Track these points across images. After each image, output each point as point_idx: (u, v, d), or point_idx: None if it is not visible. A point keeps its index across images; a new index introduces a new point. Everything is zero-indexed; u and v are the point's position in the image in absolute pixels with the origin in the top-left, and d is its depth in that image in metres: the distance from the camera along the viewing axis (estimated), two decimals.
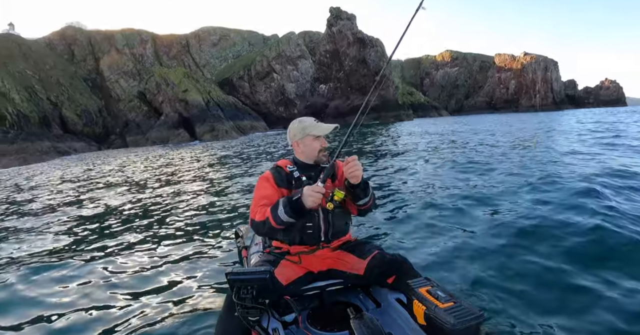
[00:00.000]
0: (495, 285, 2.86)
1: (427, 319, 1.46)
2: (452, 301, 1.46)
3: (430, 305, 1.46)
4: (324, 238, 2.09)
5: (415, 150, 13.60)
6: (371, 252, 2.01)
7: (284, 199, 1.92)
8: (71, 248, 5.00)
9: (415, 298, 1.53)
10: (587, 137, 12.64)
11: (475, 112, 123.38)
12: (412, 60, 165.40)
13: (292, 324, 1.88)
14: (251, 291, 1.58)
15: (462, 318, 1.35)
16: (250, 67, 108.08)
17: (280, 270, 1.92)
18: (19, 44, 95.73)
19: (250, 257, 2.52)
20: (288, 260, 2.04)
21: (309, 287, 2.01)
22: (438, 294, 1.50)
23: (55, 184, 12.15)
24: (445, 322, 1.36)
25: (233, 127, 63.98)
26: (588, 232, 3.58)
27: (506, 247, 3.64)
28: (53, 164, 25.70)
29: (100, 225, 6.29)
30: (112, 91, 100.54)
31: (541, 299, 2.61)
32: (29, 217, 6.99)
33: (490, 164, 8.24)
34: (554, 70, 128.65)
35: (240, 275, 1.60)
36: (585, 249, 3.34)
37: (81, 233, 5.75)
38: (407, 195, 6.31)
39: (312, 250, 2.07)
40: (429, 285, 1.59)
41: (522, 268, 3.13)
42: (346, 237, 2.22)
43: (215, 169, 13.46)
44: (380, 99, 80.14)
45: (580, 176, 5.99)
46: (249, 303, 1.56)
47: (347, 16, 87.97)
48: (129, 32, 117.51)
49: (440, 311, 1.40)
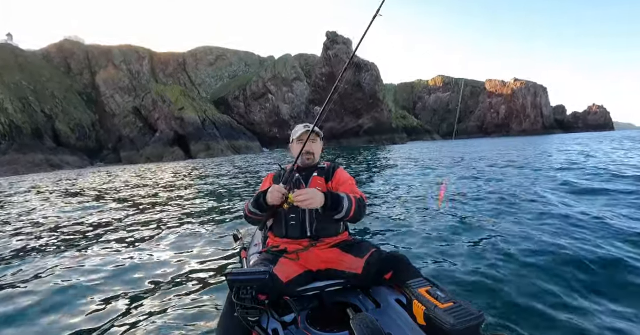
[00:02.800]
0: (495, 287, 2.95)
1: (426, 319, 1.45)
2: (452, 301, 1.45)
3: (430, 305, 1.45)
4: (310, 233, 2.14)
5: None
6: (369, 250, 2.04)
7: (259, 192, 2.15)
8: (74, 247, 5.10)
9: (415, 298, 1.54)
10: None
11: (467, 137, 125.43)
12: (405, 85, 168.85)
13: (291, 325, 1.88)
14: (251, 292, 1.60)
15: (462, 318, 1.35)
16: (246, 88, 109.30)
17: (280, 268, 1.94)
18: (16, 55, 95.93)
19: (250, 258, 2.52)
20: (287, 258, 2.08)
21: (309, 287, 2.02)
22: (438, 295, 1.51)
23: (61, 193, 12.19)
24: (445, 323, 1.36)
25: (228, 147, 64.28)
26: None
27: (504, 249, 3.80)
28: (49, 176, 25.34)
29: (104, 229, 6.45)
30: (107, 106, 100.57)
31: (541, 301, 2.69)
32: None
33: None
34: (543, 95, 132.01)
35: (240, 276, 1.62)
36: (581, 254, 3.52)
37: (84, 236, 5.83)
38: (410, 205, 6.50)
39: (306, 247, 2.13)
40: (429, 286, 1.61)
41: (522, 270, 3.25)
42: (342, 237, 2.26)
43: (213, 181, 13.60)
44: (374, 121, 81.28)
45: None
46: (249, 303, 1.58)
47: (343, 40, 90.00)
48: (126, 48, 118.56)
49: (440, 311, 1.40)
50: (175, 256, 4.30)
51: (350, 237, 2.33)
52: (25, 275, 4.09)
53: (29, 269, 4.29)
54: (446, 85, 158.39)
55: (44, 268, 4.26)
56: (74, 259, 4.94)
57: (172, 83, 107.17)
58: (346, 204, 1.99)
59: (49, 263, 4.48)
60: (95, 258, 4.48)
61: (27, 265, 4.48)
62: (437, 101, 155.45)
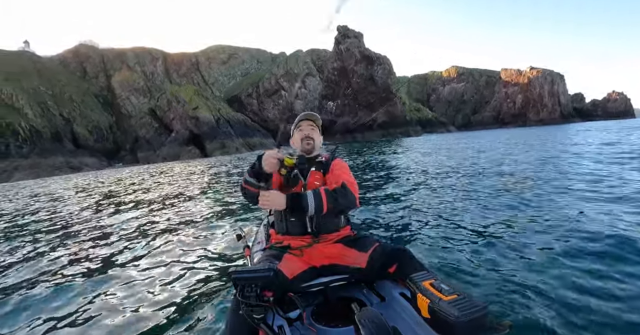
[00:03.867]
0: (499, 278, 2.94)
1: (431, 312, 1.46)
2: (456, 294, 1.45)
3: (434, 298, 1.46)
4: (310, 229, 2.14)
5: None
6: (372, 245, 2.04)
7: (255, 161, 2.10)
8: (75, 247, 5.20)
9: (419, 291, 1.53)
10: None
11: (483, 128, 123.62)
12: (418, 77, 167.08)
13: (296, 321, 1.88)
14: (255, 289, 1.60)
15: (466, 310, 1.36)
16: (258, 85, 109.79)
17: (285, 264, 1.94)
18: (34, 61, 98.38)
19: (254, 256, 2.52)
20: (291, 253, 2.09)
21: (313, 283, 2.01)
22: (442, 287, 1.50)
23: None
24: (449, 315, 1.36)
25: (243, 144, 64.72)
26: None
27: (510, 242, 3.74)
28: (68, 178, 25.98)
29: (112, 229, 6.52)
30: (123, 108, 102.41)
31: (544, 293, 2.66)
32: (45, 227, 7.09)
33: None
34: (560, 83, 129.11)
35: (243, 274, 1.62)
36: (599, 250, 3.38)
37: (87, 234, 5.91)
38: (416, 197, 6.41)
39: (309, 244, 2.13)
40: (433, 279, 1.60)
41: (527, 262, 3.21)
42: (344, 232, 2.25)
43: (217, 180, 13.59)
44: (388, 115, 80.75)
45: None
46: (253, 301, 1.58)
47: (354, 34, 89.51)
48: (140, 50, 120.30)
49: (444, 304, 1.41)
50: (179, 256, 4.32)
51: (353, 232, 2.31)
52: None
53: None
54: (460, 76, 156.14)
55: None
56: (70, 250, 5.07)
57: (186, 83, 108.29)
58: (311, 201, 1.97)
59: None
60: (100, 260, 4.53)
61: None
62: (451, 92, 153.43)
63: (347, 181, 2.06)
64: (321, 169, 2.23)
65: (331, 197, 1.98)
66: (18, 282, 3.98)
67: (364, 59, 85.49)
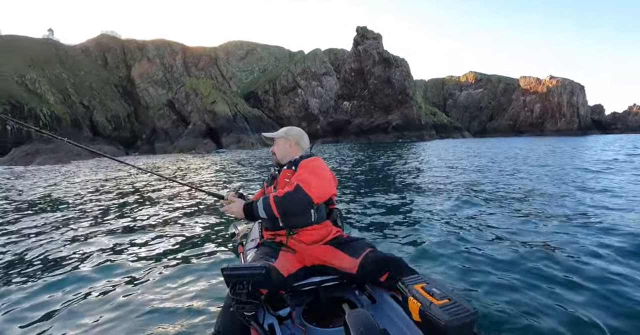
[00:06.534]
0: (491, 284, 3.00)
1: (421, 315, 1.46)
2: (447, 298, 1.47)
3: (425, 301, 1.47)
4: (282, 223, 2.22)
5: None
6: (363, 250, 2.04)
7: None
8: (65, 241, 5.20)
9: (410, 295, 1.55)
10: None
11: (499, 135, 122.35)
12: (435, 81, 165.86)
13: (287, 319, 1.90)
14: (247, 286, 1.62)
15: (456, 315, 1.36)
16: (275, 82, 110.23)
17: (280, 262, 2.00)
18: (57, 49, 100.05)
19: (247, 253, 2.54)
20: (285, 251, 2.15)
21: (305, 282, 2.05)
22: (433, 291, 1.52)
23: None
24: (440, 319, 1.36)
25: (258, 140, 65.12)
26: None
27: (505, 248, 3.85)
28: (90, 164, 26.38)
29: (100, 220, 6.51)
30: (141, 98, 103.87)
31: (532, 298, 2.76)
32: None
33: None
34: (580, 94, 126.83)
35: (236, 271, 1.65)
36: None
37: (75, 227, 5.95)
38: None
39: (287, 234, 2.23)
40: (424, 282, 1.62)
41: (518, 269, 3.33)
42: (332, 232, 2.30)
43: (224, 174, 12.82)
44: (403, 118, 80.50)
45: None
46: (244, 298, 1.61)
47: (373, 36, 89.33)
48: (160, 42, 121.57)
49: (435, 308, 1.41)
50: (172, 252, 4.33)
51: (345, 234, 2.36)
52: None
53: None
54: (478, 82, 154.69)
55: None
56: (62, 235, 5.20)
57: (204, 77, 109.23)
58: (260, 207, 2.13)
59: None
60: (91, 253, 4.52)
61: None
62: (468, 98, 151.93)
63: (302, 182, 2.09)
64: (292, 167, 2.36)
65: (279, 203, 2.06)
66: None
67: (382, 61, 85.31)
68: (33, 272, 3.93)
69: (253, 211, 2.17)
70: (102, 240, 5.15)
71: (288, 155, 2.51)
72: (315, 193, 2.07)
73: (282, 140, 2.56)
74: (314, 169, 2.23)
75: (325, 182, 2.18)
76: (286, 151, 2.53)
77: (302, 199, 2.05)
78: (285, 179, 2.31)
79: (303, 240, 2.21)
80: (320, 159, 2.41)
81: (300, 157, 2.42)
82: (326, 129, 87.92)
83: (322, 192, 2.13)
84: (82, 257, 4.36)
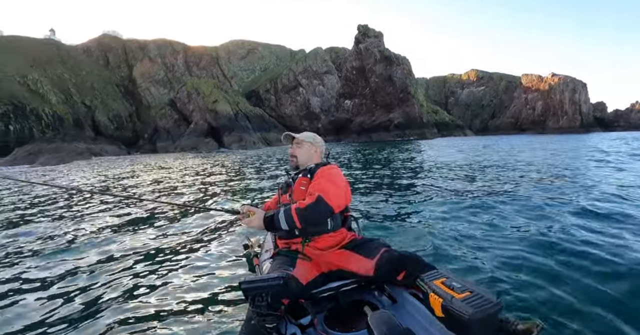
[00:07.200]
0: (512, 273, 2.98)
1: (444, 310, 1.46)
2: (469, 290, 1.46)
3: (446, 296, 1.46)
4: (298, 232, 2.19)
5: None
6: (378, 250, 2.03)
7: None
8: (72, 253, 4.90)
9: (431, 291, 1.54)
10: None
11: (501, 133, 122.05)
12: (437, 79, 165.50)
13: (309, 327, 1.86)
14: (266, 298, 1.60)
15: (480, 307, 1.36)
16: (276, 81, 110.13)
17: (298, 271, 1.98)
18: (59, 49, 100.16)
19: (262, 264, 2.50)
20: (301, 259, 2.13)
21: (323, 288, 2.03)
22: (453, 285, 1.51)
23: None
24: (464, 312, 1.36)
25: (260, 139, 65.23)
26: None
27: (524, 238, 3.90)
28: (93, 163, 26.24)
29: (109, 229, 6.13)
30: (143, 98, 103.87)
31: (559, 287, 2.74)
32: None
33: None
34: (582, 91, 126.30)
35: (254, 283, 1.64)
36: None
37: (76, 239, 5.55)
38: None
39: (302, 242, 2.21)
40: (444, 277, 1.61)
41: (537, 258, 3.31)
42: (346, 236, 2.29)
43: (232, 176, 12.39)
44: (404, 116, 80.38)
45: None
46: (264, 310, 1.59)
47: (374, 34, 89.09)
48: (161, 42, 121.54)
49: (457, 302, 1.41)
50: (188, 270, 4.08)
51: (359, 236, 2.36)
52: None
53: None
54: (480, 80, 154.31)
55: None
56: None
57: (206, 76, 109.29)
58: (282, 220, 2.08)
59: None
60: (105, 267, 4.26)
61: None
62: (470, 96, 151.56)
63: (323, 192, 2.07)
64: (307, 174, 2.35)
65: (302, 215, 2.03)
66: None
67: (383, 59, 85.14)
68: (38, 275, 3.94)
69: (274, 223, 2.14)
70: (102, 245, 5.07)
71: (309, 161, 2.53)
72: (335, 202, 2.08)
73: (308, 145, 2.57)
74: (332, 177, 2.23)
75: (342, 191, 2.20)
76: (310, 156, 2.55)
77: (324, 210, 2.06)
78: (301, 187, 2.31)
79: (318, 247, 2.21)
80: (337, 167, 2.41)
81: (316, 165, 2.42)
82: (327, 127, 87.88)
83: (340, 201, 2.15)
84: (88, 269, 4.20)
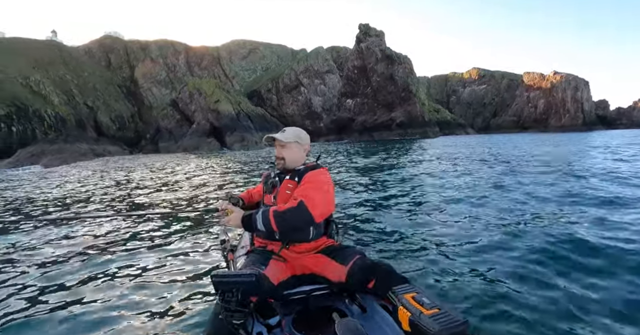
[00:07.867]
0: (482, 294, 2.94)
1: (411, 325, 1.45)
2: (437, 308, 1.46)
3: (415, 311, 1.46)
4: (278, 236, 2.17)
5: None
6: (352, 257, 2.01)
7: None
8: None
9: (400, 304, 1.54)
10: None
11: (503, 131, 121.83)
12: (438, 77, 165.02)
13: (276, 328, 1.87)
14: (236, 294, 1.59)
15: (446, 325, 1.35)
16: (278, 80, 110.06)
17: (270, 270, 1.97)
18: (61, 51, 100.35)
19: (237, 260, 2.47)
20: (275, 259, 2.11)
21: (295, 291, 2.04)
22: (423, 301, 1.51)
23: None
24: (430, 329, 1.35)
25: (262, 138, 65.14)
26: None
27: (497, 254, 3.83)
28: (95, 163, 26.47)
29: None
30: (145, 98, 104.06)
31: (526, 309, 2.72)
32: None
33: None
34: (584, 89, 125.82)
35: (225, 278, 1.62)
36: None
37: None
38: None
39: (282, 247, 2.18)
40: (415, 292, 1.61)
41: (511, 277, 3.26)
42: (324, 242, 2.27)
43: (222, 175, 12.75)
44: (406, 115, 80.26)
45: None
46: (233, 306, 1.58)
47: (375, 33, 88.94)
48: (163, 43, 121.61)
49: (424, 318, 1.41)
50: (161, 260, 4.22)
51: (336, 242, 2.35)
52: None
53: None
54: (481, 78, 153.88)
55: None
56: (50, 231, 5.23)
57: (207, 76, 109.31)
58: (259, 221, 2.07)
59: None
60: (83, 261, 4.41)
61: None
62: (471, 94, 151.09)
63: (306, 198, 2.03)
64: (295, 177, 2.28)
65: (279, 218, 2.01)
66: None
67: (384, 58, 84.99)
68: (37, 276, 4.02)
69: (252, 224, 2.13)
70: (90, 243, 5.11)
71: (299, 162, 2.40)
72: (317, 211, 2.03)
73: (296, 146, 2.39)
74: (320, 184, 2.17)
75: (328, 199, 2.14)
76: (299, 157, 2.41)
77: (303, 217, 2.02)
78: (287, 190, 2.26)
79: (295, 250, 2.20)
80: (326, 172, 2.33)
81: (305, 169, 2.33)
82: (329, 127, 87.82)
83: (324, 210, 2.10)
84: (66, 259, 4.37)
